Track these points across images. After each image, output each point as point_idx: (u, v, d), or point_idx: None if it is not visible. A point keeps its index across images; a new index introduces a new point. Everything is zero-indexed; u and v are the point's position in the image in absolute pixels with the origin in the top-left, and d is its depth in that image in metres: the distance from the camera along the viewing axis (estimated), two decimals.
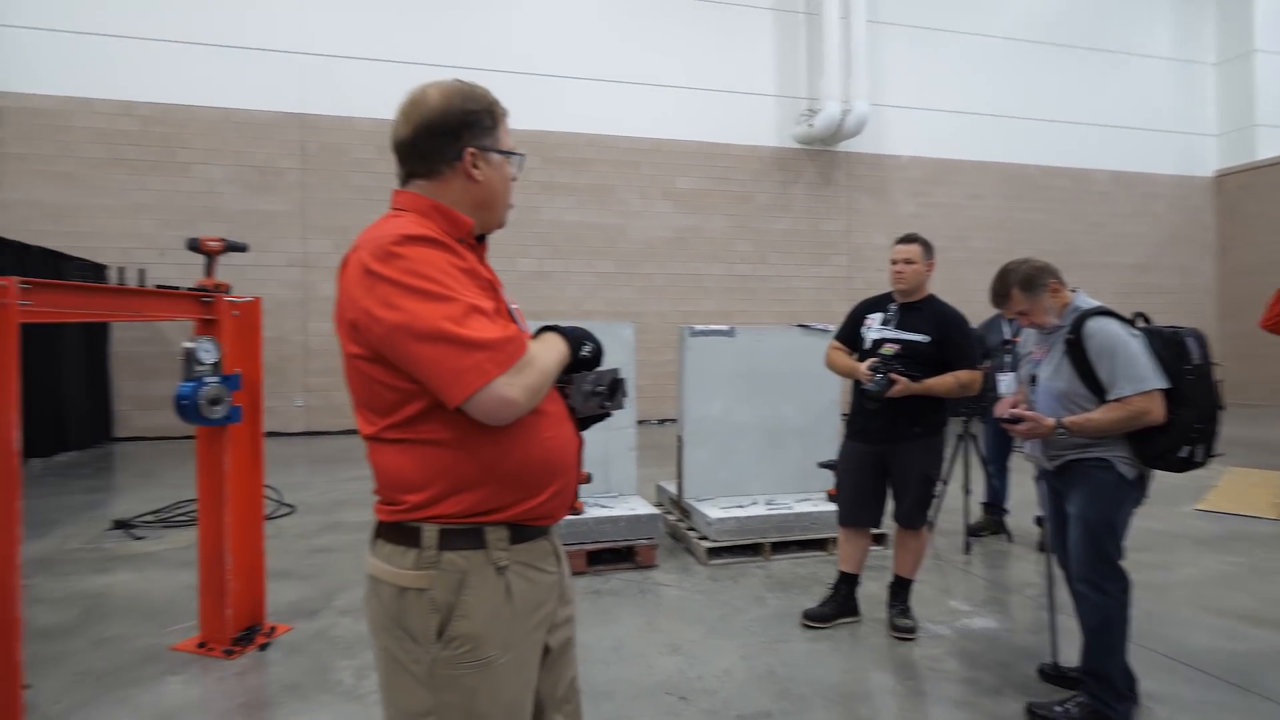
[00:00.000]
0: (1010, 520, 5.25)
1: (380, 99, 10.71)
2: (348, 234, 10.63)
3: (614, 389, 1.54)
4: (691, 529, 4.94)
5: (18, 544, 2.52)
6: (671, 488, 5.48)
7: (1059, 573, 2.99)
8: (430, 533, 1.33)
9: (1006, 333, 5.16)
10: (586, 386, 1.50)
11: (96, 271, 9.03)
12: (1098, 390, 2.67)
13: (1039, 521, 4.75)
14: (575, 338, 1.48)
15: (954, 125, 13.58)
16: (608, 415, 1.56)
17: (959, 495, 5.07)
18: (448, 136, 1.42)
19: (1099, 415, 2.63)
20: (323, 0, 10.66)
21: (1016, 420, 2.75)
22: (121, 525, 5.47)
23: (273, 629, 3.54)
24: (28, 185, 9.72)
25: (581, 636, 3.41)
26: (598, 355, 1.52)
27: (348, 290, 1.32)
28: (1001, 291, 2.89)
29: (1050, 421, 2.69)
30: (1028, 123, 14.00)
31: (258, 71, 10.41)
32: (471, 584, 1.34)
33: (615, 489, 5.04)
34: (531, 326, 1.56)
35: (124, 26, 9.94)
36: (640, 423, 5.47)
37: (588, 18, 11.76)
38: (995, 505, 5.28)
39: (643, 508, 4.71)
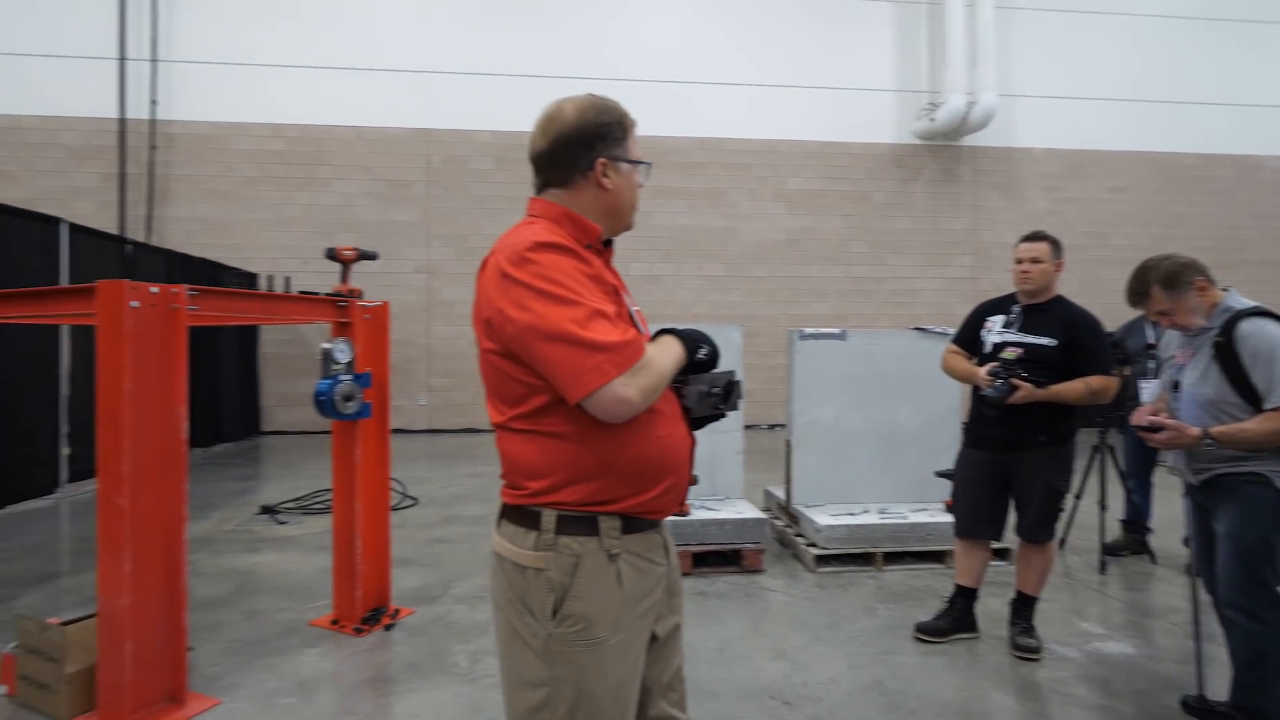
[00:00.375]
0: (1154, 540, 4.87)
1: (497, 112, 11.25)
2: (468, 242, 11.16)
3: (729, 391, 1.56)
4: (800, 535, 4.87)
5: (185, 521, 2.82)
6: (780, 493, 5.42)
7: (1206, 598, 2.76)
8: (549, 517, 1.42)
9: (1150, 336, 4.80)
10: (702, 388, 1.54)
11: (249, 280, 9.89)
12: (1251, 398, 2.45)
13: (1187, 542, 4.38)
14: (692, 340, 1.53)
15: (1093, 113, 12.66)
16: (722, 416, 1.59)
17: (1094, 511, 4.75)
18: (581, 148, 1.51)
19: (1253, 425, 2.41)
20: (444, 22, 11.20)
21: (1156, 429, 2.55)
22: (268, 511, 5.96)
23: (397, 611, 3.78)
24: (192, 203, 10.75)
25: (686, 636, 3.43)
26: (714, 358, 1.55)
27: (485, 290, 1.44)
28: (1139, 289, 2.68)
29: (1195, 431, 2.49)
30: (1181, 107, 12.84)
31: (387, 91, 11.07)
32: (585, 568, 1.42)
33: (722, 492, 5.03)
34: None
35: (272, 56, 10.82)
36: (749, 427, 5.45)
37: (698, 22, 11.79)
38: (1136, 523, 4.91)
39: (749, 512, 4.69)
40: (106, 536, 2.66)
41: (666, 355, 1.46)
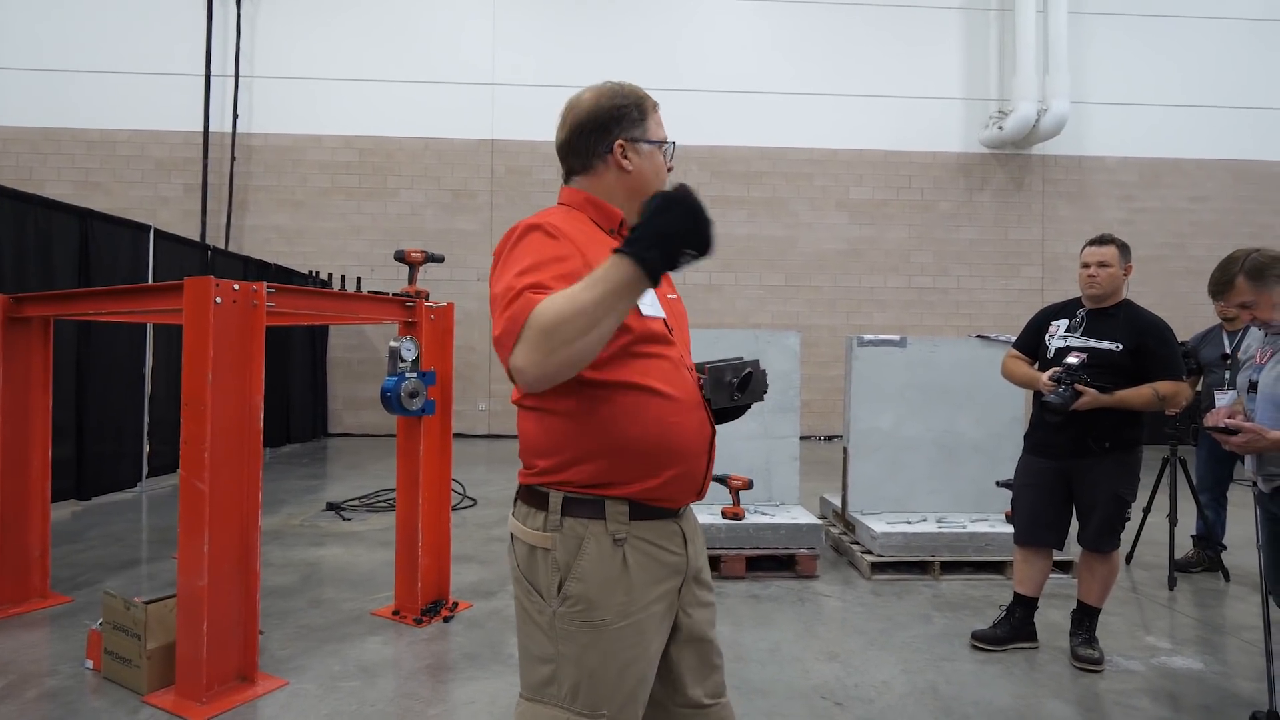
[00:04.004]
0: (1228, 557, 4.67)
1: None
2: None
3: (747, 380, 1.51)
4: (855, 542, 4.82)
5: (259, 508, 2.97)
6: (836, 500, 5.37)
7: (1278, 613, 2.65)
8: (556, 498, 1.43)
9: (1226, 346, 4.61)
10: (723, 376, 1.50)
11: (321, 285, 10.27)
12: None
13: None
14: (634, 243, 1.23)
15: (1171, 120, 12.19)
16: (744, 408, 1.54)
17: (1164, 526, 4.58)
18: (599, 132, 1.52)
19: None
20: (509, 34, 11.49)
21: (1233, 431, 2.45)
22: (333, 507, 6.19)
23: (455, 604, 3.88)
24: (269, 212, 11.26)
25: (738, 637, 3.47)
26: (698, 246, 1.24)
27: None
28: (1224, 279, 2.57)
29: (1274, 434, 2.37)
30: (1266, 112, 12.27)
31: (454, 102, 11.41)
32: (588, 550, 1.41)
33: (777, 497, 5.02)
34: (699, 338, 1.56)
35: (345, 70, 11.28)
36: (805, 438, 5.42)
37: (763, 32, 11.80)
38: (1208, 539, 4.71)
39: (804, 517, 4.66)
40: (187, 519, 2.82)
41: (581, 291, 1.23)
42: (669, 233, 1.22)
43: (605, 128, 1.52)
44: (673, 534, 1.50)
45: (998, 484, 4.70)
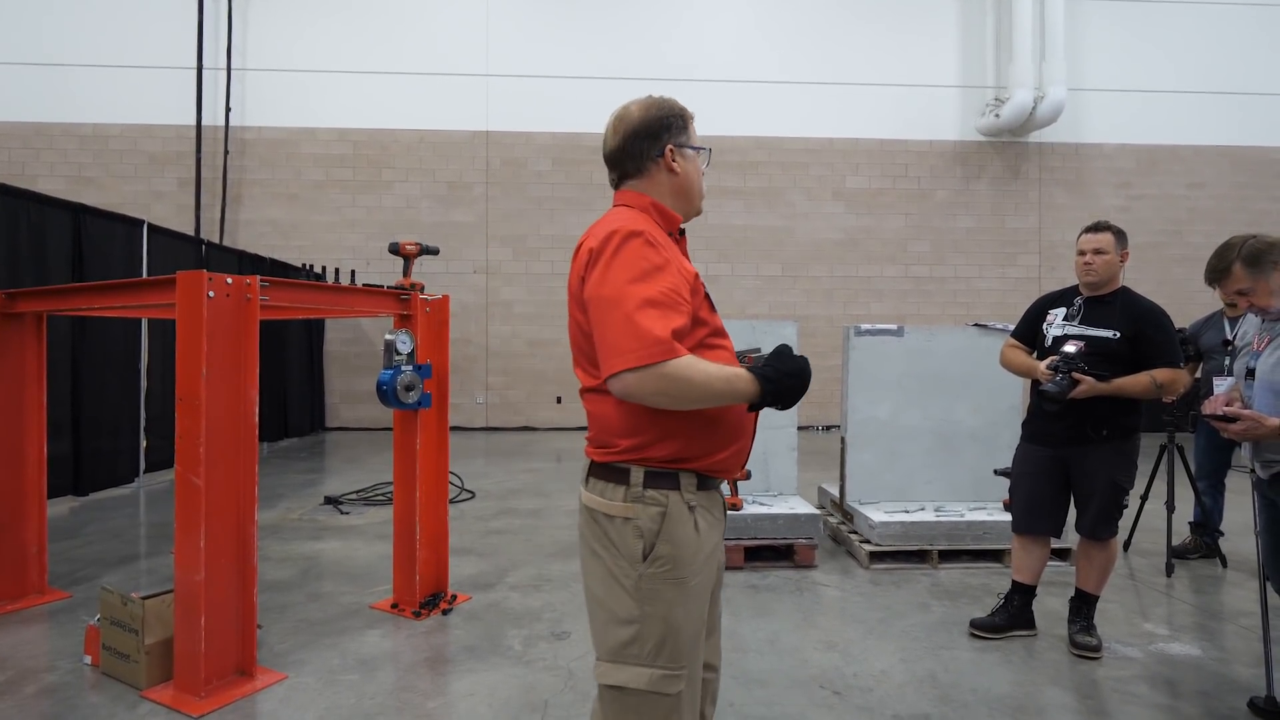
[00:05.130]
0: (1226, 544, 4.68)
1: (555, 113, 11.41)
2: (525, 242, 11.36)
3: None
4: (853, 532, 4.82)
5: (255, 503, 2.96)
6: (834, 490, 5.37)
7: (1276, 600, 2.65)
8: (637, 473, 1.59)
9: (1227, 332, 4.60)
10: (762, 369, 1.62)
11: (316, 278, 10.24)
12: None
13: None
14: (771, 389, 1.55)
15: (1169, 107, 12.16)
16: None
17: (1161, 514, 4.59)
18: (650, 139, 1.70)
19: None
20: (503, 26, 11.42)
21: (1231, 419, 2.45)
22: (331, 501, 6.18)
23: (454, 597, 3.88)
24: (264, 206, 11.21)
25: (737, 628, 3.47)
26: (785, 399, 1.58)
27: (577, 268, 1.61)
28: (1220, 267, 2.57)
29: (1273, 421, 2.37)
30: (1264, 98, 12.23)
31: (449, 95, 11.34)
32: (671, 516, 1.58)
33: (775, 488, 5.02)
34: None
35: (339, 63, 11.21)
36: (802, 429, 5.42)
37: (756, 21, 11.74)
38: (1205, 526, 4.72)
39: (802, 507, 4.66)
40: (183, 514, 2.81)
41: (715, 381, 1.50)
42: (788, 389, 1.56)
43: (656, 135, 1.70)
44: (719, 502, 1.72)
45: (995, 472, 4.70)
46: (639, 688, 1.55)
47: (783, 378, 1.56)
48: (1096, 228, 3.33)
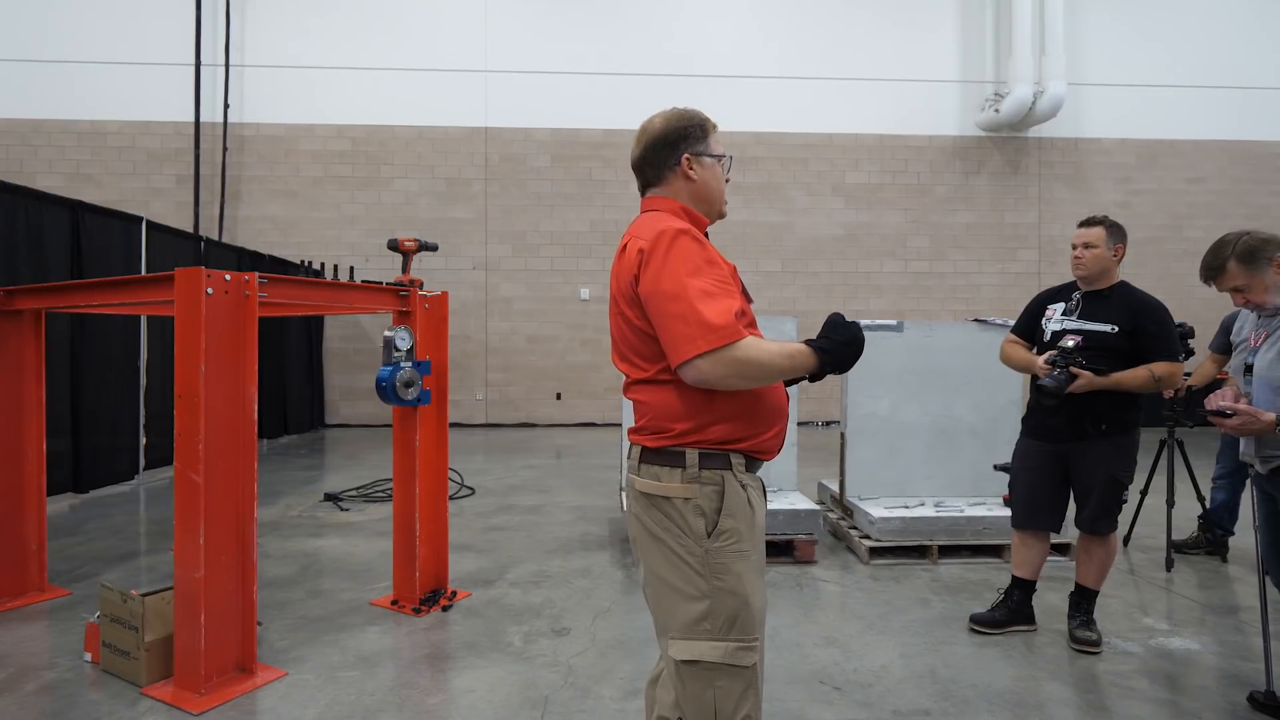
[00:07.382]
0: (1230, 539, 4.67)
1: (555, 109, 11.38)
2: (525, 238, 11.34)
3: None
4: (853, 528, 4.83)
5: (254, 499, 2.96)
6: (833, 486, 5.38)
7: (1276, 594, 2.65)
8: (693, 455, 1.67)
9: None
10: (819, 341, 1.72)
11: (315, 275, 10.22)
12: None
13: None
14: (829, 359, 1.68)
15: (1168, 101, 12.13)
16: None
17: (1162, 508, 4.59)
18: (669, 148, 1.80)
19: None
20: (502, 21, 11.40)
21: (1227, 414, 2.45)
22: (331, 498, 6.18)
23: (454, 594, 3.88)
24: (263, 203, 11.19)
25: None
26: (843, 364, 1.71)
27: (627, 267, 1.68)
28: (1215, 264, 2.56)
29: (1270, 416, 2.37)
30: (1265, 92, 12.21)
31: (448, 90, 11.32)
32: (729, 493, 1.67)
33: (775, 484, 5.02)
34: None
35: (338, 59, 11.19)
36: (803, 424, 5.42)
37: (754, 16, 11.72)
38: (1212, 519, 4.69)
39: (802, 503, 4.67)
40: (183, 511, 2.81)
41: (779, 357, 1.62)
42: (845, 357, 1.68)
43: (674, 144, 1.80)
44: (759, 481, 1.80)
45: (995, 467, 4.71)
46: (715, 660, 1.62)
47: (838, 348, 1.67)
48: (1089, 222, 3.32)
